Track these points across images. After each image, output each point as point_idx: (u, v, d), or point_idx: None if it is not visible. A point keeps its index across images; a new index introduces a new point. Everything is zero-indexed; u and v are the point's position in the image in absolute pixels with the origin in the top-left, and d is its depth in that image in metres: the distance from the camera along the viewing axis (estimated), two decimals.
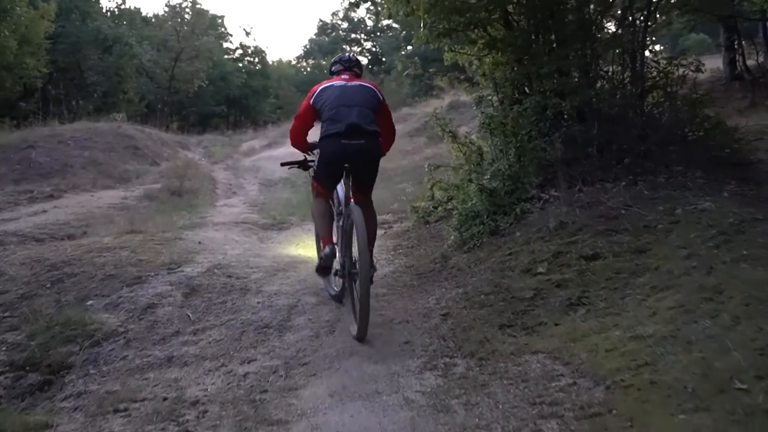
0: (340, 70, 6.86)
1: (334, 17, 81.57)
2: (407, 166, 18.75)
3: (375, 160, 6.53)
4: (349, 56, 7.13)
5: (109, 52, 38.50)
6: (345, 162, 6.31)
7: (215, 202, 16.03)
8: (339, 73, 6.80)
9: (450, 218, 9.18)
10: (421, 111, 33.84)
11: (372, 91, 6.60)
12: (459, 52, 10.40)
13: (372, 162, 6.51)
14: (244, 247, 9.97)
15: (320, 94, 6.50)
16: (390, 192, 14.73)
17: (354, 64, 6.98)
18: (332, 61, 7.22)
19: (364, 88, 6.56)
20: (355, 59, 7.10)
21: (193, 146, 30.11)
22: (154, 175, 19.15)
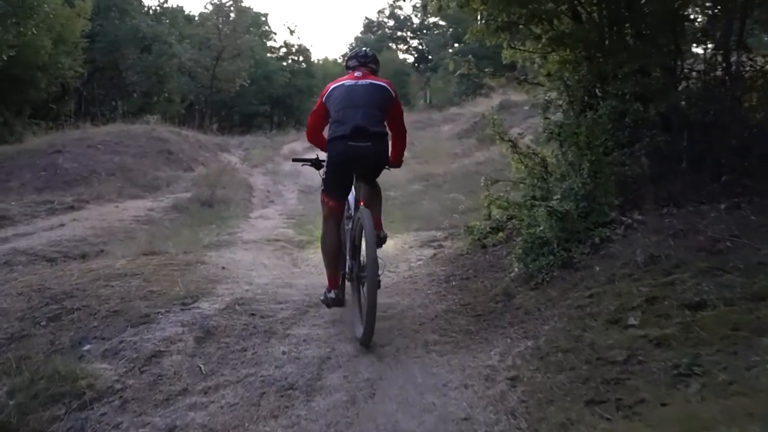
0: (356, 66, 6.80)
1: (380, 15, 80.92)
2: (457, 172, 17.49)
3: (382, 162, 6.51)
4: (365, 51, 7.09)
5: (148, 51, 37.61)
6: (352, 165, 6.35)
7: (249, 213, 14.91)
8: (354, 69, 6.76)
9: (511, 243, 7.91)
10: (469, 111, 32.62)
11: (383, 89, 6.53)
12: (519, 49, 9.06)
13: (379, 164, 6.51)
14: (274, 274, 8.73)
15: (331, 92, 6.55)
16: (439, 203, 13.52)
17: (370, 60, 6.94)
18: (349, 56, 7.14)
19: (374, 87, 6.50)
20: (371, 55, 7.07)
21: (234, 148, 29.07)
22: (186, 182, 18.08)
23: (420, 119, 33.83)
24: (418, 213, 13.36)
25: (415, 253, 9.85)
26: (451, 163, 21.81)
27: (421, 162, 22.73)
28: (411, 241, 10.73)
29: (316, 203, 12.91)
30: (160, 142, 21.87)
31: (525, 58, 9.26)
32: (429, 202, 14.51)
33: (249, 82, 45.57)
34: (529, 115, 25.49)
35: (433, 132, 30.63)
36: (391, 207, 14.36)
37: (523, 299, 6.38)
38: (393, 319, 6.65)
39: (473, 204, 12.39)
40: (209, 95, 44.71)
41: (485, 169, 16.35)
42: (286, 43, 64.53)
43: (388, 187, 17.04)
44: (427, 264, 8.88)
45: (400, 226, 12.23)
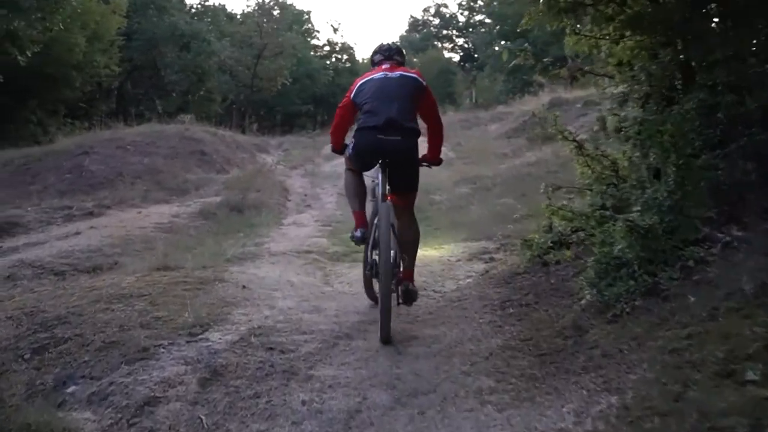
0: (381, 60, 6.81)
1: (426, 13, 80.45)
2: (507, 174, 16.28)
3: (411, 159, 6.39)
4: (389, 44, 7.07)
5: (186, 49, 36.84)
6: (379, 158, 6.23)
7: (282, 219, 13.84)
8: (380, 63, 6.75)
9: (579, 261, 6.70)
10: (517, 109, 31.37)
11: (413, 80, 6.51)
12: (585, 35, 7.80)
13: (408, 161, 6.36)
14: (301, 295, 7.55)
15: (360, 88, 6.48)
16: (489, 209, 12.37)
17: (395, 52, 6.92)
18: (373, 51, 7.13)
19: (405, 78, 6.47)
20: (395, 47, 7.05)
21: (273, 149, 28.06)
22: (217, 185, 17.02)
23: (466, 118, 32.70)
24: (466, 220, 12.19)
25: (464, 269, 8.67)
26: (499, 164, 20.66)
27: (468, 163, 21.60)
28: (459, 253, 9.55)
29: None
30: (194, 143, 20.89)
31: (591, 45, 8.01)
32: (478, 207, 13.34)
33: (291, 80, 44.64)
34: (581, 113, 24.33)
35: (480, 131, 29.45)
36: (437, 213, 13.28)
37: (599, 335, 5.15)
38: (439, 356, 5.48)
39: (527, 210, 11.21)
40: (250, 94, 43.80)
41: (538, 171, 15.18)
42: (330, 42, 64.09)
43: (432, 189, 15.96)
44: (478, 283, 7.68)
45: (447, 236, 11.09)
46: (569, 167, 14.12)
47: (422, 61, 63.77)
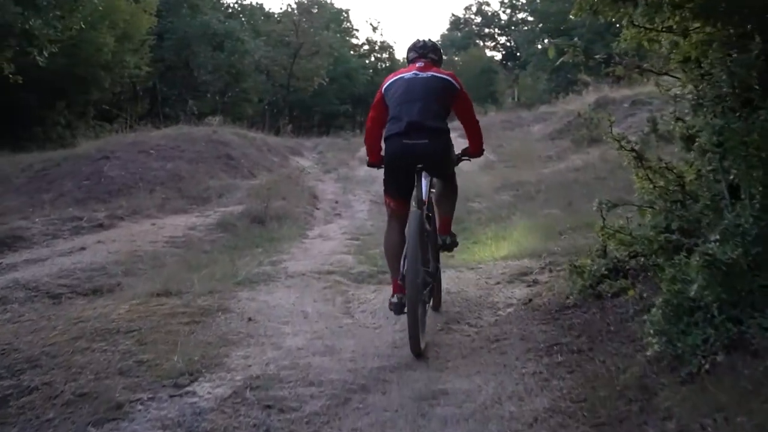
0: (415, 58, 6.57)
1: (467, 12, 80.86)
2: (551, 179, 15.22)
3: (441, 159, 6.21)
4: (423, 42, 6.79)
5: (220, 49, 36.05)
6: (409, 163, 6.01)
7: (307, 230, 12.87)
8: (414, 61, 6.52)
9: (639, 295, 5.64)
10: (562, 109, 30.33)
11: (445, 81, 6.27)
12: (647, 28, 6.69)
13: (438, 160, 6.15)
14: (314, 330, 6.48)
15: (390, 85, 6.29)
16: (532, 220, 11.38)
17: (429, 50, 6.66)
18: (408, 48, 6.81)
19: (435, 79, 6.24)
20: (431, 44, 6.77)
21: (307, 151, 27.14)
22: (242, 192, 16.04)
23: (508, 119, 31.69)
24: (507, 233, 11.15)
25: (504, 294, 7.58)
26: (543, 168, 19.66)
27: (509, 166, 20.60)
28: (498, 274, 8.46)
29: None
30: (220, 147, 19.96)
31: (651, 39, 6.90)
32: (520, 217, 12.29)
33: (328, 80, 43.74)
34: (629, 113, 23.27)
35: (522, 132, 28.40)
36: (475, 223, 12.30)
37: (672, 401, 4.05)
38: (472, 420, 4.41)
39: (574, 222, 10.25)
40: (286, 95, 42.97)
41: (585, 177, 14.10)
42: (369, 40, 63.25)
43: (472, 196, 14.92)
44: (520, 316, 6.57)
45: (485, 251, 10.06)
46: (619, 173, 13.17)
47: (464, 60, 63.72)
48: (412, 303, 5.52)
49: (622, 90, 27.56)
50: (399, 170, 6.11)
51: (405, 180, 6.11)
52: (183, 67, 35.71)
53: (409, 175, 6.06)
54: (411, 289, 5.54)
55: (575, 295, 6.32)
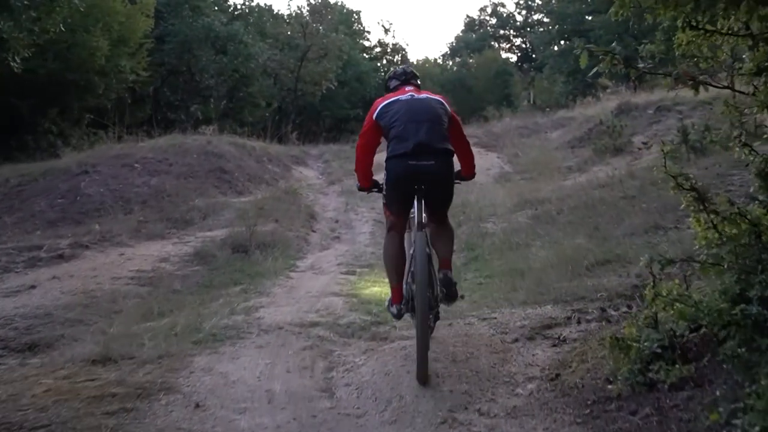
0: (398, 85, 6.51)
1: (482, 13, 78.05)
2: (574, 197, 13.70)
3: (447, 182, 6.12)
4: (404, 69, 6.85)
5: (223, 52, 34.62)
6: (414, 184, 5.88)
7: (298, 260, 11.38)
8: (397, 88, 6.42)
9: (709, 387, 4.14)
10: (580, 114, 28.83)
11: (440, 102, 6.25)
12: (707, 30, 5.12)
13: (444, 184, 6.09)
14: (278, 423, 4.97)
15: (385, 108, 6.12)
16: (554, 249, 9.94)
17: (411, 76, 6.67)
18: (387, 77, 6.92)
19: (433, 101, 6.21)
20: (410, 71, 6.80)
21: (312, 160, 25.71)
22: (231, 212, 14.50)
23: (525, 125, 30.18)
24: (525, 265, 9.58)
25: (523, 358, 6.05)
26: (563, 180, 18.17)
27: (527, 178, 19.13)
28: (516, 326, 6.93)
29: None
30: (214, 159, 18.48)
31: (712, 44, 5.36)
32: (540, 245, 10.75)
33: (336, 84, 42.28)
34: (653, 120, 21.83)
35: (540, 140, 26.89)
36: (489, 250, 10.94)
37: None
38: None
39: (603, 254, 8.80)
40: (294, 99, 41.50)
41: (611, 196, 12.56)
42: (381, 42, 61.78)
43: (485, 215, 13.48)
44: (545, 402, 5.04)
45: (500, 291, 8.55)
46: (650, 191, 11.65)
47: (479, 62, 62.77)
48: (422, 329, 5.43)
49: (646, 95, 26.08)
50: (402, 191, 6.00)
51: (406, 199, 6.01)
52: (185, 71, 34.28)
53: (410, 195, 5.96)
54: (421, 314, 5.46)
55: (620, 382, 4.77)
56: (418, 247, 5.63)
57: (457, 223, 14.09)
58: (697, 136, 14.52)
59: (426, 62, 72.08)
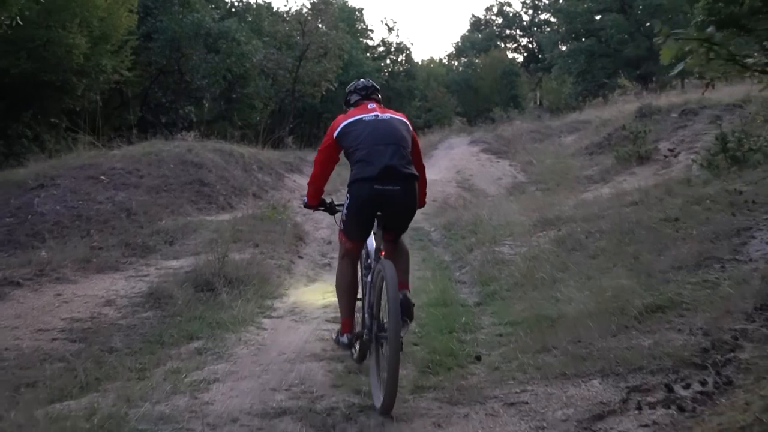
0: (359, 100, 6.27)
1: (488, 12, 77.92)
2: (600, 213, 11.95)
3: (411, 207, 5.93)
4: (364, 83, 6.51)
5: (215, 51, 32.72)
6: (377, 210, 5.75)
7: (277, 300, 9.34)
8: (358, 104, 6.21)
9: None
10: (595, 117, 27.04)
11: (404, 123, 6.08)
12: None
13: (408, 210, 5.92)
14: None
15: (347, 128, 5.93)
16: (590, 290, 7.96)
17: (372, 91, 6.40)
18: (347, 90, 6.58)
19: (398, 121, 6.03)
20: (371, 85, 6.49)
21: (309, 167, 23.67)
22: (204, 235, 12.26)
23: (536, 129, 28.44)
24: (555, 311, 7.53)
25: None
26: (584, 191, 16.39)
27: (543, 189, 17.31)
28: (555, 416, 4.90)
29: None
30: (193, 169, 16.50)
31: None
32: (570, 282, 8.70)
33: (337, 85, 40.38)
34: (678, 125, 20.00)
35: (553, 145, 25.09)
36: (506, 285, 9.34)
37: None
38: None
39: (653, 298, 6.76)
40: (292, 101, 39.57)
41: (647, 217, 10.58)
42: (384, 42, 60.17)
43: (500, 236, 11.82)
44: None
45: (526, 351, 6.46)
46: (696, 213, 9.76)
47: (485, 62, 61.43)
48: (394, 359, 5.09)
49: (668, 97, 24.23)
50: (364, 216, 5.84)
51: (368, 225, 5.91)
52: (175, 71, 32.37)
53: (370, 221, 5.85)
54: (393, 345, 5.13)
55: None
56: (389, 275, 5.37)
57: (468, 247, 12.22)
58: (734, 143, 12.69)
59: (431, 62, 71.51)
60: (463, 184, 20.44)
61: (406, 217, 5.97)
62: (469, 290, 9.90)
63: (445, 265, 11.55)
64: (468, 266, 11.15)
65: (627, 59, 45.54)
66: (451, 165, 21.41)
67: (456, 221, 14.86)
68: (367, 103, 6.15)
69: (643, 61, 43.71)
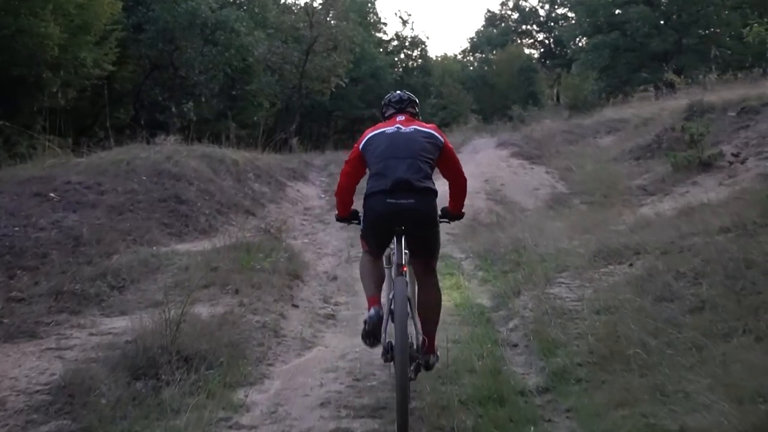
0: (393, 114, 6.24)
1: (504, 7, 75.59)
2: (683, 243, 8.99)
3: (428, 222, 5.77)
4: (400, 95, 6.46)
5: (213, 43, 30.05)
6: (392, 225, 5.65)
7: (252, 388, 6.23)
8: (392, 117, 6.19)
9: None
10: (634, 116, 24.26)
11: (430, 135, 5.95)
12: None
13: (425, 224, 5.74)
14: None
15: (370, 140, 5.96)
16: (717, 384, 5.15)
17: (407, 104, 6.34)
18: (382, 102, 6.58)
19: (420, 133, 5.92)
20: (407, 97, 6.42)
21: (315, 173, 21.05)
22: (167, 276, 9.28)
23: (568, 128, 25.64)
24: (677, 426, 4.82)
25: None
26: (639, 206, 13.69)
27: (588, 203, 14.64)
28: None
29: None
30: (170, 182, 13.57)
31: None
32: (679, 360, 5.89)
33: (347, 81, 37.78)
34: (739, 125, 17.23)
35: (590, 147, 22.27)
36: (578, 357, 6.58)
37: None
38: None
39: None
40: (299, 98, 36.90)
41: (760, 252, 7.70)
42: (398, 35, 58.14)
43: (553, 270, 9.53)
44: None
45: None
46: None
47: (501, 58, 59.48)
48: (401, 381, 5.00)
49: (721, 92, 21.35)
50: (380, 230, 5.75)
51: (385, 238, 5.81)
52: (169, 65, 29.73)
53: (389, 234, 5.71)
54: (400, 365, 5.05)
55: None
56: (398, 292, 5.29)
57: (512, 287, 9.39)
58: None
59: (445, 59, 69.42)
60: (494, 195, 17.54)
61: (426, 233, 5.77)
62: (525, 360, 7.10)
63: (487, 316, 8.66)
64: (517, 318, 8.30)
65: (653, 54, 43.13)
66: (478, 172, 18.46)
67: (492, 247, 11.97)
68: (397, 116, 6.10)
69: (671, 56, 41.16)
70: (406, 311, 5.28)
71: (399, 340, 5.09)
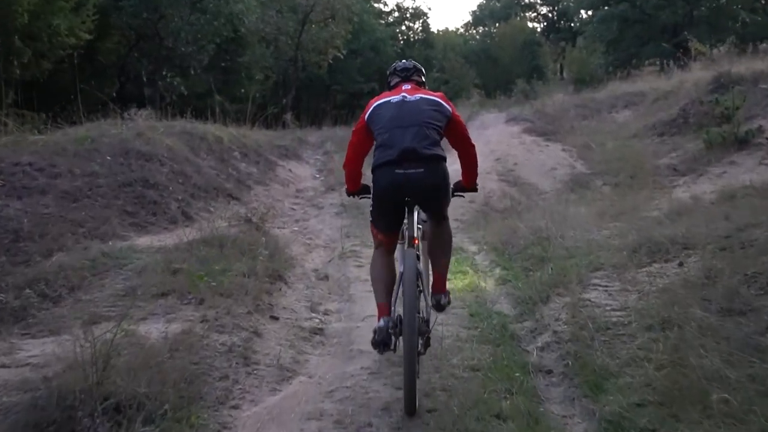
0: (398, 82, 6.04)
1: None
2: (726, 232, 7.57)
3: (439, 190, 5.60)
4: (405, 64, 6.32)
5: (200, 11, 28.40)
6: (400, 195, 5.49)
7: None
8: (397, 86, 5.97)
9: None
10: (651, 89, 22.73)
11: (436, 104, 5.72)
12: None
13: (435, 193, 5.59)
14: None
15: (375, 110, 5.72)
16: None
17: (413, 72, 6.18)
18: (388, 72, 6.40)
19: (426, 101, 5.68)
20: (413, 66, 6.27)
21: (310, 151, 19.56)
22: (118, 282, 7.51)
23: (581, 103, 24.14)
24: None
25: None
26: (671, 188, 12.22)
27: (615, 186, 13.21)
28: None
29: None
30: (137, 163, 11.79)
31: None
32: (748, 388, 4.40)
33: (345, 53, 36.32)
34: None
35: (606, 123, 20.77)
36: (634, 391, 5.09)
37: None
38: None
39: None
40: (294, 71, 35.37)
41: None
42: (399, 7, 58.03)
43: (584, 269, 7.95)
44: None
45: None
46: None
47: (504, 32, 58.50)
48: (409, 355, 4.88)
49: (749, 62, 19.78)
50: (389, 203, 5.57)
51: (395, 214, 5.63)
52: (155, 35, 28.09)
53: (399, 208, 5.59)
54: (408, 339, 4.94)
55: None
56: (408, 265, 5.20)
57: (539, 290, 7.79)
58: None
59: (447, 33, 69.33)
60: (507, 176, 15.99)
61: (437, 199, 5.62)
62: (564, 394, 5.52)
63: (510, 330, 7.03)
64: (548, 332, 6.70)
65: (663, 26, 41.89)
66: (488, 150, 16.92)
67: (509, 238, 10.35)
68: (402, 85, 5.90)
69: (681, 28, 39.97)
70: (415, 283, 5.19)
71: (408, 313, 5.00)
